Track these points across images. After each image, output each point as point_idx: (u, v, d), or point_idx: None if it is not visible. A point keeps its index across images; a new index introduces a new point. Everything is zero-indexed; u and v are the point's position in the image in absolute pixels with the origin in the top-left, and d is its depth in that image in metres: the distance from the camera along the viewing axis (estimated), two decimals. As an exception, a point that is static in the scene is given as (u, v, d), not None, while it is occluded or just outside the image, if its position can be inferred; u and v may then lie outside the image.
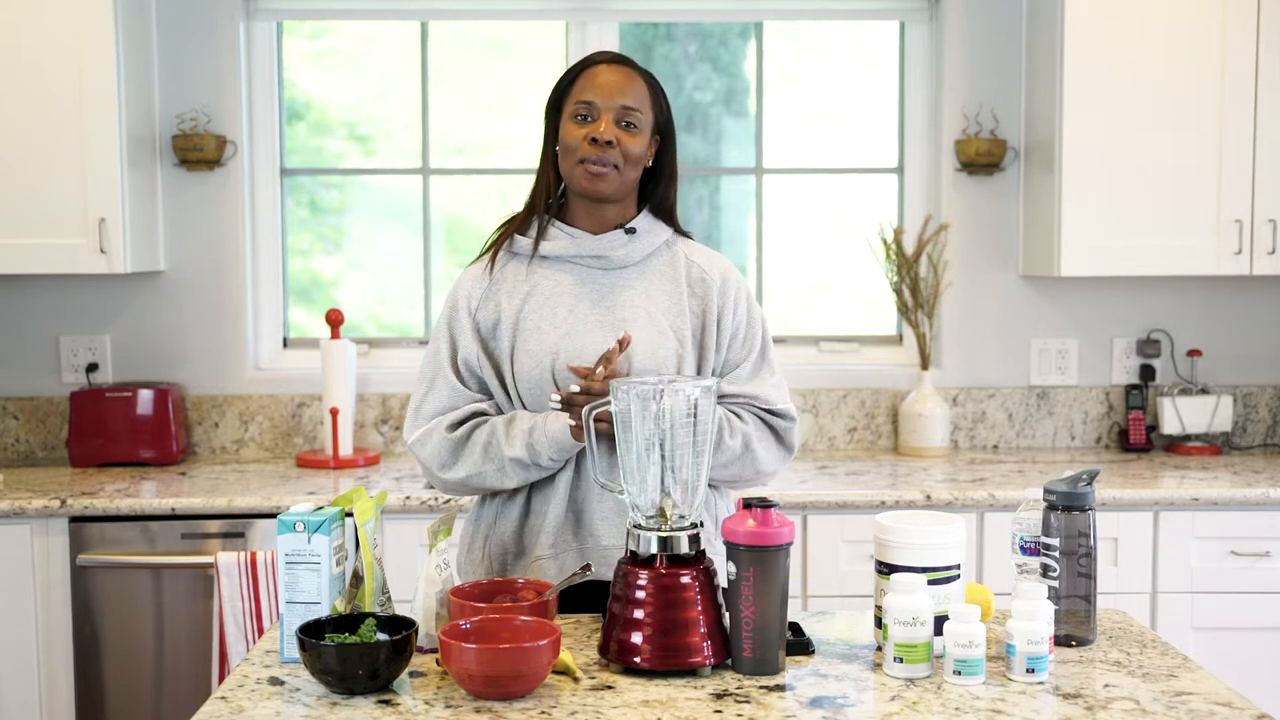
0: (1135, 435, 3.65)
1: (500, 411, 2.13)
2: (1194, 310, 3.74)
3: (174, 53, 3.58)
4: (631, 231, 2.12)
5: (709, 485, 2.09)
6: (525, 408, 2.09)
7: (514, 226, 2.16)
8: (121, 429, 3.44)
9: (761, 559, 1.70)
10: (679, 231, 2.20)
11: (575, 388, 1.98)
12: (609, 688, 1.68)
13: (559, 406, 2.00)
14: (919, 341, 3.63)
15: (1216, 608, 3.10)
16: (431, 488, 3.10)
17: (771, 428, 2.12)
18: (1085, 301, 3.73)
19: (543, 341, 2.07)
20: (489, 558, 2.13)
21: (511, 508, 2.11)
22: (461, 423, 2.09)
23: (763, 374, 2.14)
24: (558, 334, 2.07)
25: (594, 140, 2.04)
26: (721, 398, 2.11)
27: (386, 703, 1.63)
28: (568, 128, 2.08)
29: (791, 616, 1.90)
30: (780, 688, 1.68)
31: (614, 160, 2.06)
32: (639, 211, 2.17)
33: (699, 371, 2.11)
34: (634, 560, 1.75)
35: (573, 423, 1.98)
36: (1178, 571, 3.10)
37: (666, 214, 2.18)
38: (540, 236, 2.12)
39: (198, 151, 3.53)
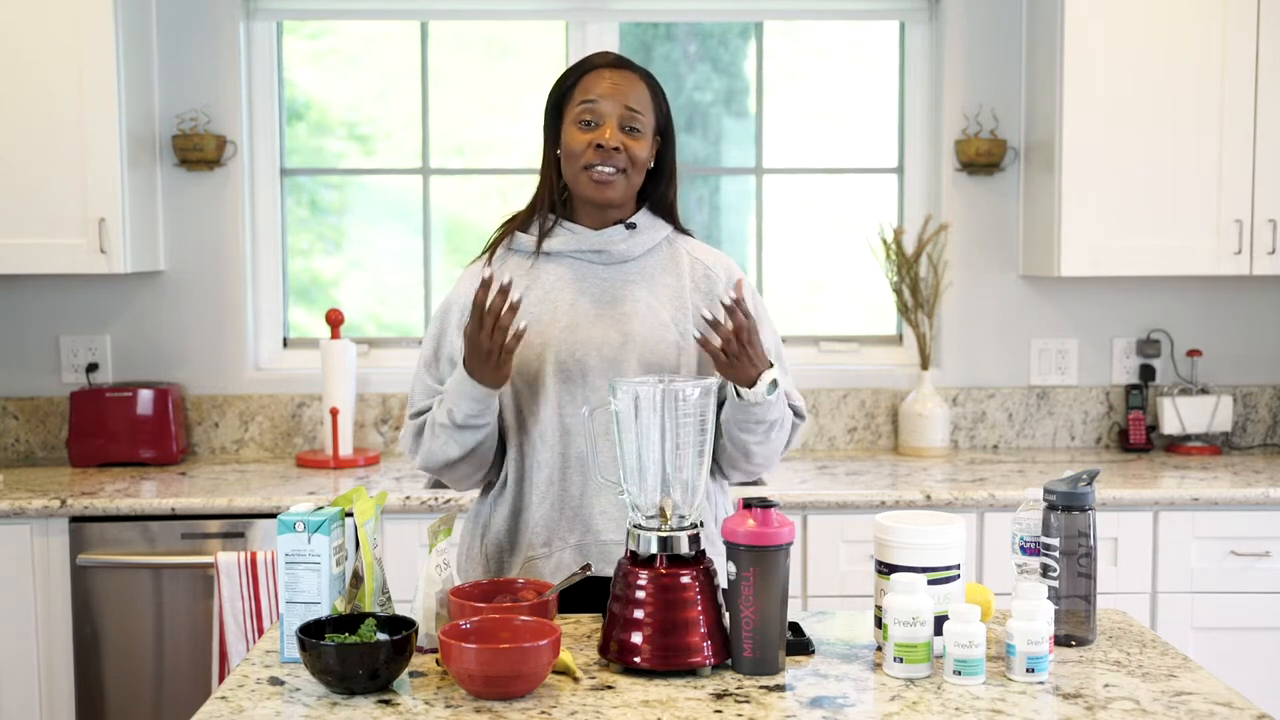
0: (1135, 435, 3.65)
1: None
2: (1194, 310, 3.74)
3: (174, 53, 3.58)
4: (631, 226, 2.12)
5: (713, 477, 2.09)
6: (517, 401, 2.09)
7: (515, 225, 2.16)
8: (121, 429, 3.44)
9: (761, 559, 1.70)
10: (680, 229, 2.20)
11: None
12: (609, 688, 1.68)
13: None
14: (919, 341, 3.63)
15: (1216, 608, 3.10)
16: (435, 486, 3.10)
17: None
18: (1085, 301, 3.73)
19: (542, 334, 2.07)
20: (486, 556, 2.13)
21: (502, 504, 2.12)
22: (423, 411, 2.11)
23: (778, 371, 2.15)
24: (558, 327, 2.07)
25: (599, 146, 2.04)
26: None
27: (386, 703, 1.63)
28: (571, 133, 2.07)
29: (791, 616, 1.89)
30: (780, 688, 1.68)
31: (620, 165, 2.05)
32: (639, 209, 2.17)
33: (702, 367, 2.11)
34: (634, 560, 1.75)
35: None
36: (1178, 571, 3.10)
37: (666, 212, 2.18)
38: (544, 234, 2.12)
39: (198, 151, 3.53)
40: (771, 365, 1.98)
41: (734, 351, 1.93)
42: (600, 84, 2.07)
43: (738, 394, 1.97)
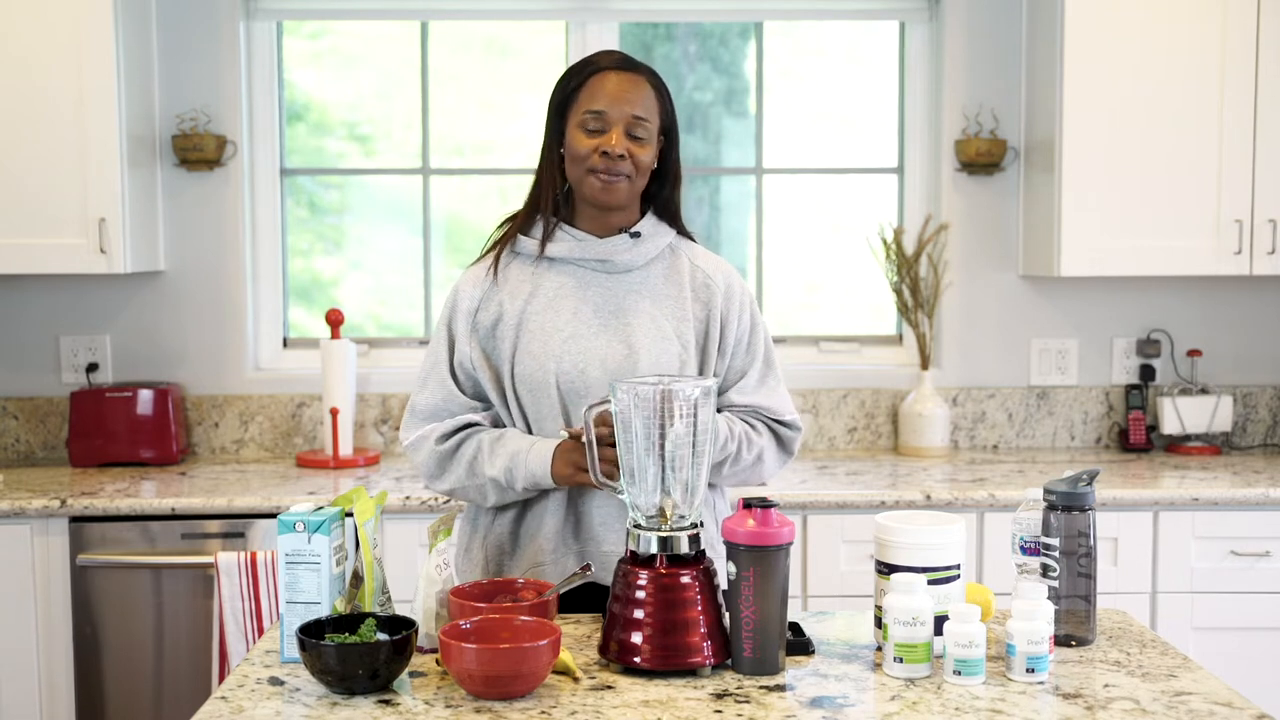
0: (1135, 435, 3.65)
1: (495, 422, 2.13)
2: (1194, 310, 3.74)
3: (174, 53, 3.58)
4: (636, 235, 2.12)
5: (709, 484, 2.10)
6: (523, 410, 2.09)
7: (516, 226, 2.15)
8: (121, 429, 3.44)
9: (761, 559, 1.70)
10: (683, 233, 2.20)
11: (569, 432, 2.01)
12: (609, 688, 1.68)
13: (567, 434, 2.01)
14: (919, 341, 3.63)
15: (1216, 608, 3.10)
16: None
17: (779, 437, 2.14)
18: (1085, 301, 3.73)
19: (546, 345, 2.06)
20: (485, 557, 2.13)
21: (508, 508, 2.11)
22: (452, 434, 2.09)
23: (769, 382, 2.15)
24: (561, 338, 2.07)
25: (605, 153, 2.03)
26: (730, 408, 2.12)
27: (386, 703, 1.63)
28: (577, 136, 2.06)
29: (791, 616, 1.90)
30: (780, 688, 1.68)
31: (626, 172, 2.05)
32: (643, 213, 2.16)
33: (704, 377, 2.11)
34: (634, 560, 1.75)
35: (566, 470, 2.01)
36: (1178, 571, 3.10)
37: (671, 215, 2.18)
38: (546, 238, 2.11)
39: (198, 151, 3.53)
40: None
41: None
42: (606, 88, 2.05)
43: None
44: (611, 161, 2.03)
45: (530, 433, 2.09)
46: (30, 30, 3.22)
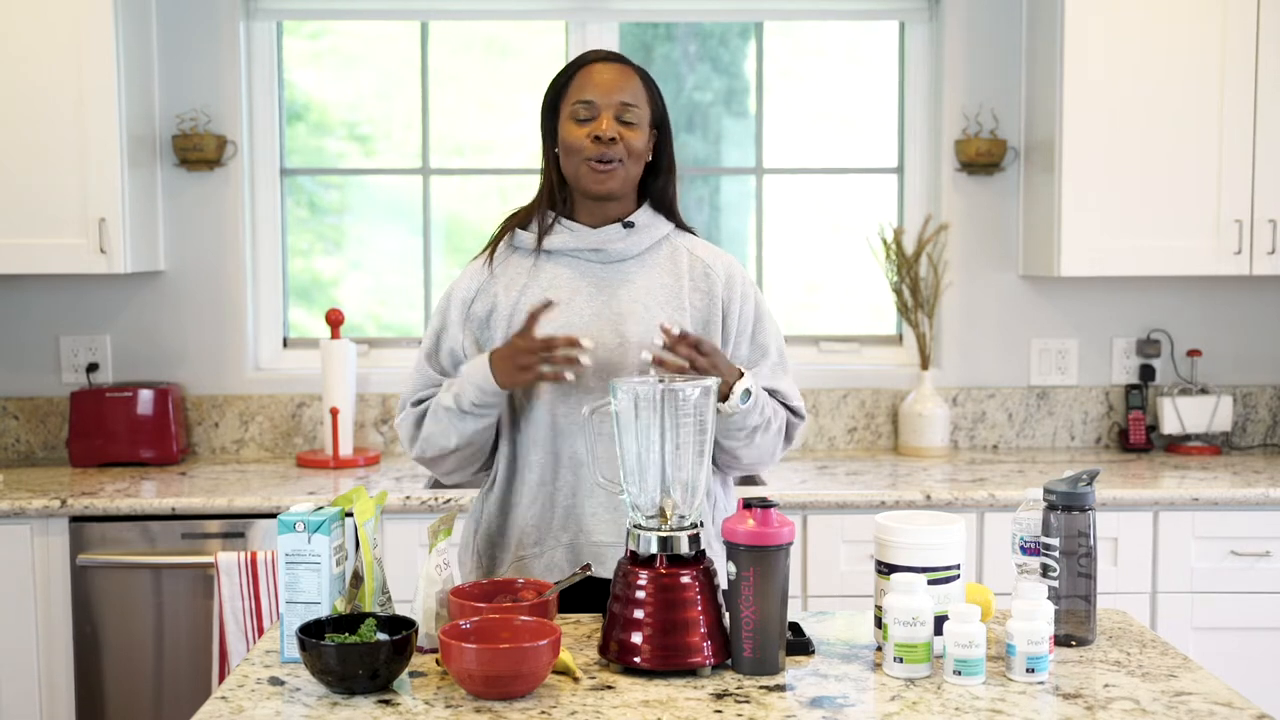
0: (1135, 435, 3.65)
1: None
2: (1194, 310, 3.74)
3: (174, 53, 3.58)
4: (629, 225, 2.12)
5: (714, 468, 2.10)
6: (514, 400, 2.10)
7: (515, 222, 2.17)
8: (121, 429, 3.44)
9: (761, 559, 1.70)
10: (681, 226, 2.20)
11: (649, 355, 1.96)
12: (609, 688, 1.68)
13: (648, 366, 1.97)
14: (919, 341, 3.63)
15: (1216, 608, 3.10)
16: (435, 486, 3.10)
17: (787, 422, 2.15)
18: (1085, 301, 3.73)
19: (539, 333, 2.07)
20: (478, 552, 2.14)
21: (492, 502, 2.13)
22: (426, 400, 2.13)
23: (779, 371, 2.16)
24: (554, 327, 2.07)
25: (597, 138, 2.05)
26: None
27: (386, 703, 1.63)
28: (568, 128, 2.08)
29: (791, 616, 1.90)
30: (780, 688, 1.68)
31: (618, 156, 2.06)
32: (639, 206, 2.17)
33: None
34: (634, 560, 1.75)
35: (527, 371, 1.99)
36: (1178, 571, 3.10)
37: (667, 208, 2.18)
38: (544, 232, 2.12)
39: (198, 151, 3.53)
40: (743, 374, 1.98)
41: (703, 367, 1.93)
42: (594, 79, 2.08)
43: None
44: (604, 146, 2.05)
45: (520, 425, 2.10)
46: (30, 30, 3.22)
